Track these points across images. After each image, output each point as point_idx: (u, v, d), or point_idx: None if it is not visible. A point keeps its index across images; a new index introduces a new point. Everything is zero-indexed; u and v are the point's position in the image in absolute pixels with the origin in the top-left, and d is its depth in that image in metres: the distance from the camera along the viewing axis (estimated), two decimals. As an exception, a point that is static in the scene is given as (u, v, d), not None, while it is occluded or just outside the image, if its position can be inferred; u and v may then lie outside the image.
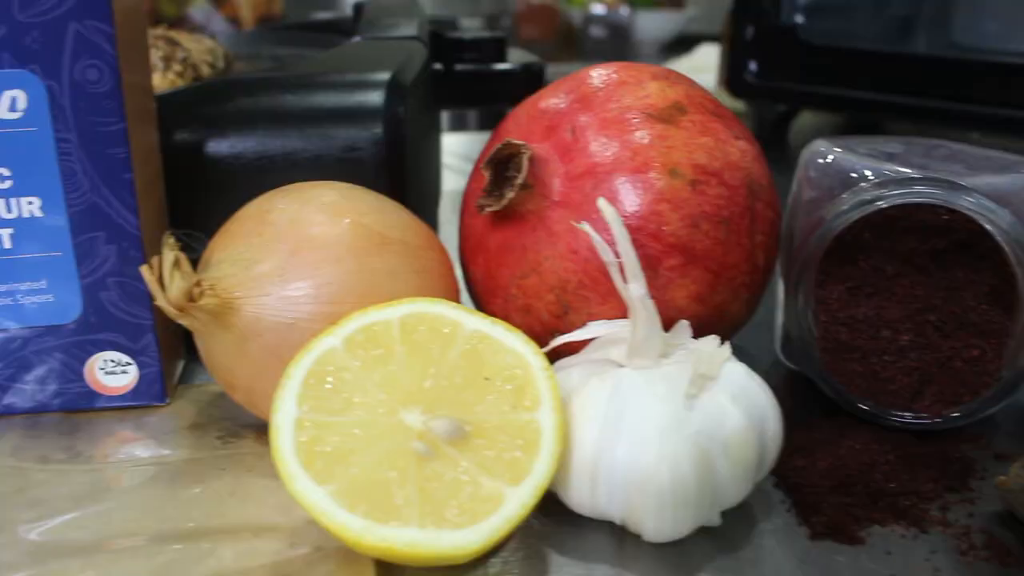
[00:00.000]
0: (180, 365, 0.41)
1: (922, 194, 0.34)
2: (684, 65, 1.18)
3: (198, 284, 0.32)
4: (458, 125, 1.24)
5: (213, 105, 0.40)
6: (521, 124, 0.38)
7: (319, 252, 0.33)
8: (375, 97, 0.40)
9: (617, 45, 1.43)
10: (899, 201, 0.34)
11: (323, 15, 0.69)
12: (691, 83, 0.38)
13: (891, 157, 0.37)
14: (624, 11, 1.42)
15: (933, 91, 0.69)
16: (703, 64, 1.10)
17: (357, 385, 0.30)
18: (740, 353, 0.45)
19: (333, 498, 0.27)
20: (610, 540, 0.31)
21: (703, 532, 0.32)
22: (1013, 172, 0.36)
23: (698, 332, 0.35)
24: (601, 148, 0.35)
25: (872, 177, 0.36)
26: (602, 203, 0.31)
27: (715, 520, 0.31)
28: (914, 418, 0.35)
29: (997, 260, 0.35)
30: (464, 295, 0.40)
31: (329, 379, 0.30)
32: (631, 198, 0.34)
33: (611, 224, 0.30)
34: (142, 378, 0.38)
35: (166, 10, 1.21)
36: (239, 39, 0.68)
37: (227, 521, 0.32)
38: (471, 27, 0.77)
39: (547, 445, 0.29)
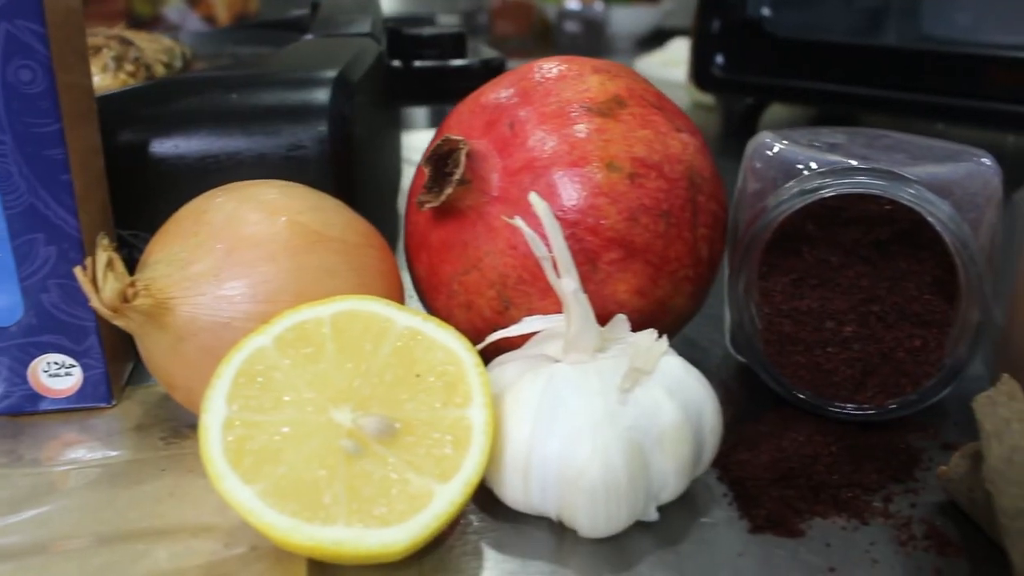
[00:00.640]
0: (129, 366, 0.41)
1: (861, 184, 0.34)
2: (657, 59, 1.18)
3: (132, 285, 0.32)
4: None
5: (157, 105, 0.40)
6: (463, 120, 0.37)
7: (254, 251, 0.33)
8: (320, 95, 0.40)
9: (592, 40, 1.42)
10: (837, 191, 0.34)
11: (300, 13, 0.68)
12: (634, 76, 0.38)
13: (834, 148, 0.37)
14: (599, 6, 1.41)
15: (901, 83, 0.69)
16: (676, 58, 1.09)
17: (287, 384, 0.29)
18: (692, 346, 0.45)
19: (261, 497, 0.27)
20: (549, 536, 0.31)
21: (642, 526, 0.31)
22: (954, 161, 0.36)
23: (641, 326, 0.35)
24: (539, 142, 0.34)
25: (814, 168, 0.36)
26: (534, 197, 0.31)
27: (652, 515, 0.31)
28: (856, 409, 0.35)
29: (939, 250, 0.35)
30: (411, 292, 0.40)
31: (259, 378, 0.29)
32: (569, 192, 0.34)
33: (542, 219, 0.30)
34: (87, 380, 0.38)
35: (140, 9, 1.21)
36: (203, 38, 0.67)
37: (165, 522, 0.32)
38: (448, 23, 0.77)
39: (477, 442, 0.29)
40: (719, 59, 0.74)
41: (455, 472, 0.28)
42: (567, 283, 0.31)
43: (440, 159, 0.35)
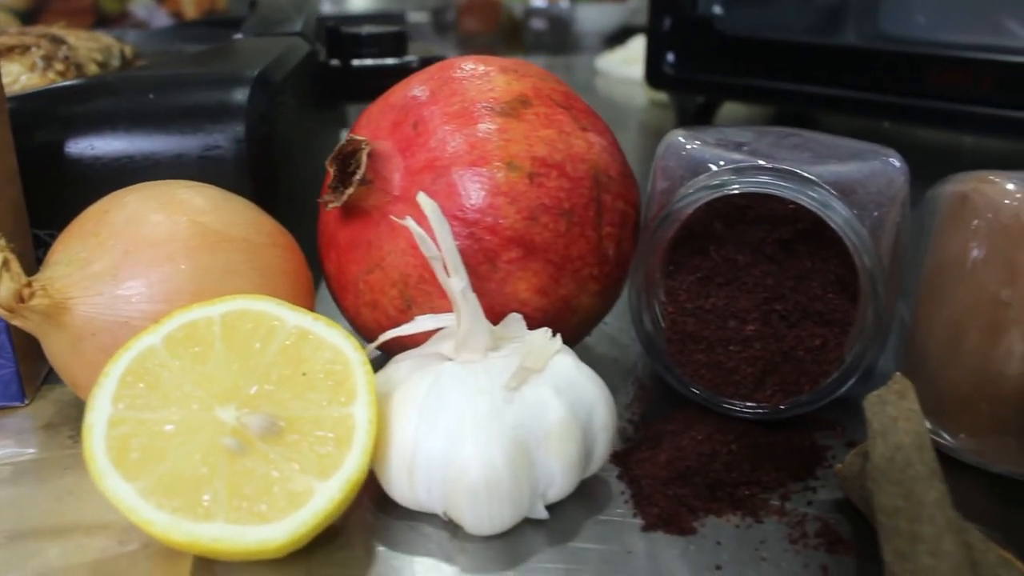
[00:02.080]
0: (46, 365, 0.41)
1: (760, 184, 0.34)
2: (618, 57, 1.18)
3: (28, 285, 0.32)
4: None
5: (73, 105, 0.40)
6: (372, 119, 0.38)
7: (153, 251, 0.33)
8: (238, 94, 0.40)
9: (558, 37, 1.42)
10: (737, 190, 0.34)
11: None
12: (543, 76, 0.38)
13: (740, 146, 0.37)
14: (565, 4, 1.41)
15: (852, 81, 0.69)
16: (636, 56, 1.09)
17: (174, 383, 0.30)
18: (612, 343, 0.45)
19: (141, 494, 0.28)
20: (441, 534, 0.31)
21: (537, 524, 0.32)
22: (859, 160, 0.36)
23: (546, 324, 0.35)
24: (440, 142, 0.35)
25: (720, 165, 0.36)
26: (422, 197, 0.31)
27: (541, 513, 0.31)
28: (754, 407, 0.35)
29: (843, 248, 0.35)
30: (325, 291, 0.40)
31: (147, 377, 0.30)
32: (468, 192, 0.34)
33: (430, 218, 0.30)
34: (-2, 379, 0.38)
35: (107, 6, 1.20)
36: (152, 37, 0.68)
37: (62, 520, 0.32)
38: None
39: (359, 439, 0.29)
40: (670, 57, 0.74)
41: (335, 470, 0.28)
42: (455, 282, 0.31)
43: (344, 159, 0.35)
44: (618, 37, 1.40)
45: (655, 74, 0.76)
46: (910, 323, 0.37)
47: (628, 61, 1.11)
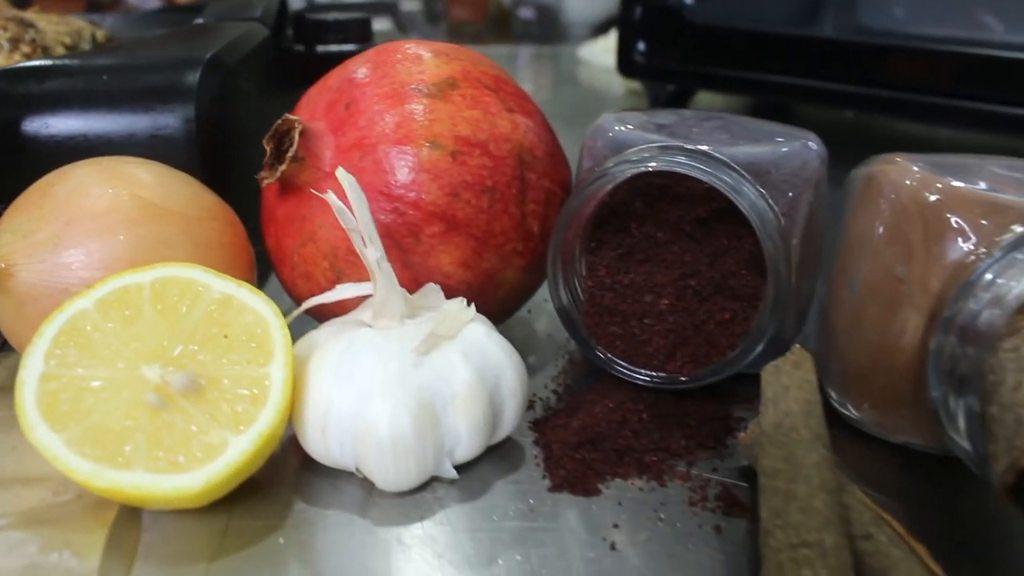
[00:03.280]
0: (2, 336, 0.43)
1: (676, 164, 0.36)
2: (599, 46, 1.20)
3: (-27, 252, 0.34)
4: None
5: (29, 85, 0.42)
6: (311, 100, 0.39)
7: (92, 222, 0.35)
8: (189, 77, 0.42)
9: (546, 27, 1.44)
10: (647, 168, 0.36)
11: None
12: (475, 60, 0.40)
13: (659, 128, 0.39)
14: (553, -7, 1.44)
15: (819, 72, 0.70)
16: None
17: (105, 343, 0.31)
18: (553, 319, 0.47)
19: (67, 445, 0.30)
20: (358, 490, 0.33)
21: (449, 482, 0.33)
22: (773, 142, 0.38)
23: (472, 296, 0.37)
24: (369, 122, 0.36)
25: (641, 146, 0.38)
26: (340, 172, 0.33)
27: (448, 471, 0.33)
28: (667, 377, 0.37)
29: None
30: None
31: (79, 337, 0.32)
32: (393, 168, 0.36)
33: (347, 191, 0.32)
34: (-44, 343, 0.40)
35: (101, -6, 1.23)
36: (133, 22, 0.69)
37: (2, 473, 0.34)
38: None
39: (274, 397, 0.31)
40: (641, 46, 0.76)
41: (250, 424, 0.30)
42: (371, 252, 0.33)
43: (279, 138, 0.37)
44: (605, 27, 1.41)
45: (626, 63, 0.77)
46: (824, 300, 0.39)
47: (608, 51, 1.12)
